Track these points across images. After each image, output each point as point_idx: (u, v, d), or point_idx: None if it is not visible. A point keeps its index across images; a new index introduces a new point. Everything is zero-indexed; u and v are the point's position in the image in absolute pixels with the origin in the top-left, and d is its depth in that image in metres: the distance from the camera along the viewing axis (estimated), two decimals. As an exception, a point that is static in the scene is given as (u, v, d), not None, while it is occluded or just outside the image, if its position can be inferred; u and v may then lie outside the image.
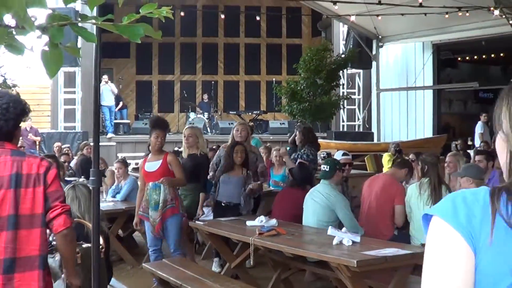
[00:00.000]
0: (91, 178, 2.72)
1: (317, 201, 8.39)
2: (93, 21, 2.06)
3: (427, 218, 1.80)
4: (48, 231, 4.16)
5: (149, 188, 8.76)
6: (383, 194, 8.90)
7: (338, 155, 11.04)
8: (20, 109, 4.33)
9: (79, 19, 2.04)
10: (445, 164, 10.20)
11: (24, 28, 1.94)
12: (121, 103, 27.13)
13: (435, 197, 8.37)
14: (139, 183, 9.74)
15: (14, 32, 1.98)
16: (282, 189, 10.83)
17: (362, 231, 8.01)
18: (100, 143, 15.76)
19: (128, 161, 14.27)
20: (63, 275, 5.01)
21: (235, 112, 30.17)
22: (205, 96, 29.41)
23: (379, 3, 18.29)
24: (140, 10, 2.14)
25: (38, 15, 1.99)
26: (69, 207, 4.20)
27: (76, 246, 4.35)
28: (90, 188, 3.07)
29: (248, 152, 10.18)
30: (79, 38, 2.11)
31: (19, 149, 4.38)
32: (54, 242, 6.52)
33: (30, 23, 1.92)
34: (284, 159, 12.22)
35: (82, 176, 12.41)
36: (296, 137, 12.21)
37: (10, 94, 4.40)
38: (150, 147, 16.48)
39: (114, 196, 11.49)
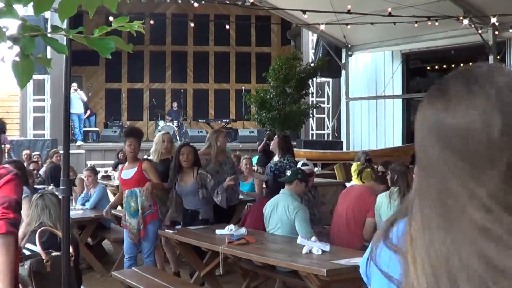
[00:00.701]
0: (61, 187, 2.70)
1: (278, 211, 8.35)
2: (64, 33, 2.04)
3: None
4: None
5: (126, 195, 8.89)
6: (358, 204, 8.90)
7: (298, 165, 11.00)
8: None
9: (50, 30, 2.02)
10: (414, 175, 10.24)
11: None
12: (88, 111, 26.99)
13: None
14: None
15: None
16: (257, 199, 10.73)
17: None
18: (70, 151, 15.65)
19: (97, 169, 14.21)
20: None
21: (204, 121, 30.20)
22: (175, 104, 29.39)
23: (349, 12, 18.35)
24: (112, 24, 2.12)
25: (9, 26, 1.97)
26: (11, 216, 3.79)
27: (13, 259, 3.82)
28: (59, 196, 3.02)
29: (223, 161, 10.19)
30: (48, 46, 2.09)
31: None
32: (23, 250, 6.48)
33: (2, 33, 1.90)
34: (250, 173, 12.25)
35: (52, 184, 12.31)
36: (272, 145, 12.04)
37: None
38: (119, 155, 16.48)
39: (83, 204, 11.42)
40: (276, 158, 11.40)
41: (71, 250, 5.60)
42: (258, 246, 7.54)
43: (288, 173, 8.71)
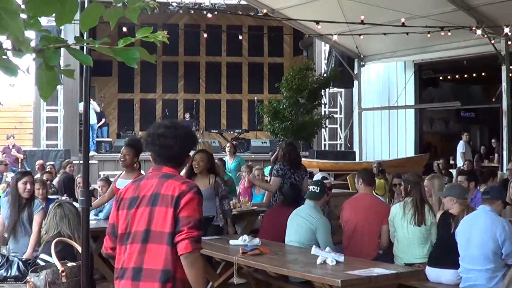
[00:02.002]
0: (80, 197, 2.70)
1: (300, 222, 8.35)
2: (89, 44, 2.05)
3: None
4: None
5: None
6: (372, 216, 8.89)
7: (317, 177, 11.00)
8: (193, 142, 4.95)
9: (74, 41, 2.03)
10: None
11: (21, 50, 1.93)
12: (103, 120, 27.12)
13: (418, 216, 8.41)
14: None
15: (7, 54, 1.97)
16: (270, 208, 10.73)
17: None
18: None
19: (111, 179, 14.21)
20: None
21: (217, 131, 30.18)
22: (187, 115, 29.40)
23: (362, 22, 18.36)
24: (136, 34, 2.13)
25: (32, 37, 1.99)
26: (195, 234, 4.43)
27: (202, 268, 4.62)
28: (78, 207, 3.04)
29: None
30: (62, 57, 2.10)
31: (172, 173, 4.67)
32: (38, 261, 6.50)
33: (28, 45, 1.91)
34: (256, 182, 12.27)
35: (65, 194, 12.31)
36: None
37: (186, 125, 4.96)
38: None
39: (96, 215, 11.42)
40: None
41: (86, 260, 5.63)
42: (272, 257, 7.53)
43: (316, 189, 8.68)
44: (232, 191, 14.02)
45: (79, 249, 6.01)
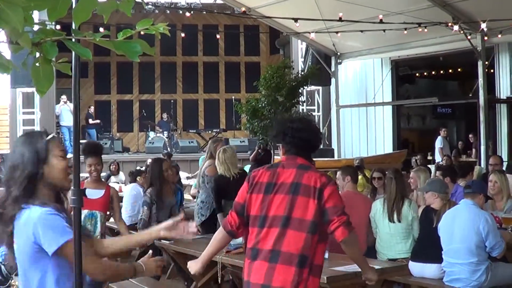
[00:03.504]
0: (72, 197, 2.66)
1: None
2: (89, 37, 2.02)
3: None
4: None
5: (82, 216, 7.39)
6: (357, 212, 8.90)
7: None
8: (321, 135, 5.45)
9: (73, 34, 2.00)
10: (408, 180, 10.28)
11: (18, 44, 1.90)
12: (96, 121, 27.53)
13: (393, 212, 8.44)
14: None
15: (0, 49, 1.94)
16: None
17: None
18: (61, 164, 15.50)
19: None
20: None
21: (194, 131, 30.17)
22: (165, 115, 29.38)
23: (340, 20, 18.38)
24: (136, 26, 2.10)
25: (32, 31, 1.96)
26: (344, 218, 4.87)
27: (359, 246, 5.29)
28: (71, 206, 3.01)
29: None
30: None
31: (307, 164, 5.11)
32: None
33: (27, 38, 1.88)
34: None
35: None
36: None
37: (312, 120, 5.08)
38: (111, 167, 16.20)
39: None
40: None
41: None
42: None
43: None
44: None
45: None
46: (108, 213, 8.45)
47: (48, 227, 3.43)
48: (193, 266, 5.50)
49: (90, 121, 27.90)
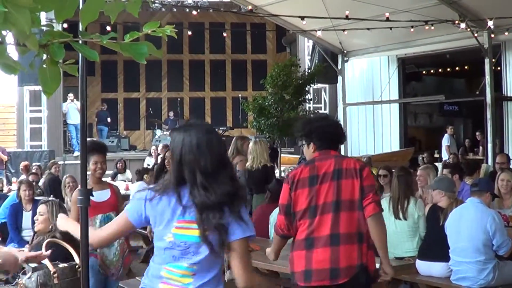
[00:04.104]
0: (78, 197, 2.67)
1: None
2: (96, 39, 2.02)
3: None
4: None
5: (97, 221, 7.45)
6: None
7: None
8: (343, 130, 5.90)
9: (80, 36, 2.01)
10: (417, 178, 10.23)
11: (25, 46, 1.90)
12: (108, 119, 27.66)
13: (397, 210, 8.43)
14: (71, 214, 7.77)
15: (8, 50, 1.94)
16: (259, 205, 10.68)
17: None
18: (67, 162, 15.65)
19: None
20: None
21: (201, 129, 30.14)
22: (171, 113, 29.42)
23: (346, 18, 18.37)
24: (143, 28, 2.11)
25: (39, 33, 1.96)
26: (377, 198, 5.43)
27: (384, 229, 5.46)
28: (78, 206, 3.02)
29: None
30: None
31: (339, 154, 5.78)
32: (24, 265, 6.45)
33: (34, 41, 1.88)
34: None
35: (51, 195, 12.23)
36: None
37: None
38: (118, 165, 16.13)
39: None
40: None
41: (77, 261, 5.59)
42: (262, 253, 7.51)
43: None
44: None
45: (70, 249, 5.99)
46: None
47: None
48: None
49: (109, 120, 28.03)
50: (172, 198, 3.71)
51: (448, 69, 29.05)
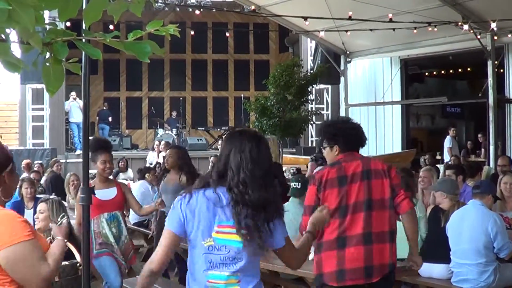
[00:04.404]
0: (80, 195, 2.67)
1: (291, 218, 8.31)
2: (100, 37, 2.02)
3: None
4: None
5: (103, 220, 7.54)
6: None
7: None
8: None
9: (83, 35, 2.00)
10: (419, 179, 10.21)
11: (28, 44, 1.90)
12: (110, 118, 27.68)
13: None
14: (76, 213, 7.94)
15: (11, 48, 1.94)
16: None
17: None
18: (69, 160, 15.64)
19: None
20: None
21: (203, 128, 30.19)
22: (174, 113, 29.41)
23: (350, 18, 18.37)
24: (146, 27, 2.11)
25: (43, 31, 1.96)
26: (409, 194, 5.72)
27: (417, 223, 5.79)
28: (80, 204, 3.03)
29: None
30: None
31: (362, 155, 5.77)
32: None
33: (38, 38, 1.88)
34: None
35: (53, 194, 12.23)
36: None
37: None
38: (120, 164, 16.12)
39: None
40: None
41: (79, 259, 5.59)
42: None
43: (297, 185, 8.65)
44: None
45: (71, 247, 5.99)
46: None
47: None
48: None
49: (110, 119, 28.05)
50: (210, 200, 3.74)
51: (451, 71, 29.03)
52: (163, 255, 3.79)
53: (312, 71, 22.92)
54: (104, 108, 28.86)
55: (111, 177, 7.95)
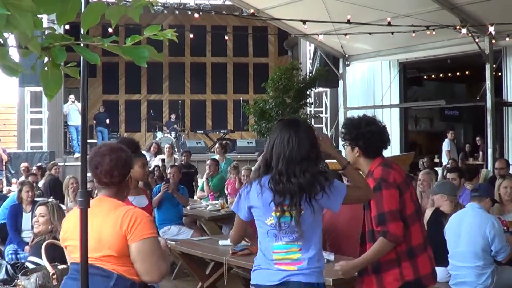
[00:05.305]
0: (78, 198, 2.68)
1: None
2: (98, 42, 2.03)
3: None
4: None
5: None
6: (357, 214, 8.85)
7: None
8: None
9: (81, 39, 2.02)
10: (418, 182, 10.23)
11: (27, 48, 1.91)
12: (107, 121, 27.67)
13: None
14: None
15: (10, 52, 1.95)
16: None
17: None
18: (68, 163, 15.60)
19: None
20: None
21: (202, 132, 30.17)
22: (173, 116, 29.39)
23: (348, 22, 18.39)
24: (144, 32, 2.12)
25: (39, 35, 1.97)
26: None
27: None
28: (78, 208, 3.04)
29: None
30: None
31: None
32: (27, 263, 6.45)
33: (36, 43, 1.89)
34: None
35: (51, 197, 12.22)
36: None
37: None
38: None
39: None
40: None
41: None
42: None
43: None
44: (221, 191, 14.06)
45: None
46: None
47: None
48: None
49: (107, 121, 28.02)
50: (264, 186, 4.34)
51: (449, 74, 29.07)
52: (236, 234, 4.89)
53: (311, 75, 22.96)
54: (101, 110, 28.81)
55: None
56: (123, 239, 3.99)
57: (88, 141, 26.48)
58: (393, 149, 24.13)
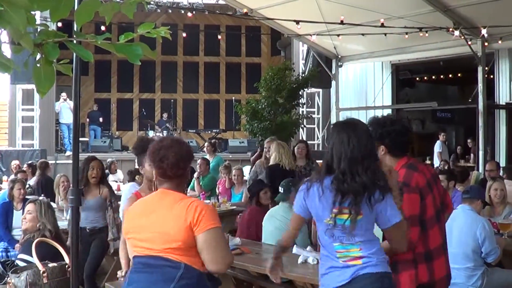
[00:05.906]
0: (69, 196, 2.68)
1: (278, 225, 8.31)
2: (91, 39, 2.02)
3: None
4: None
5: None
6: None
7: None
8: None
9: (74, 36, 2.01)
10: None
11: (19, 45, 1.91)
12: (101, 119, 27.61)
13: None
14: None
15: (2, 49, 1.94)
16: (248, 207, 10.65)
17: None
18: (59, 161, 15.57)
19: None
20: None
21: (194, 131, 30.16)
22: (165, 115, 29.39)
23: (341, 23, 18.39)
24: (138, 30, 2.12)
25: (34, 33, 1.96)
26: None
27: None
28: (70, 205, 3.03)
29: None
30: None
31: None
32: (17, 261, 6.44)
33: (29, 39, 1.89)
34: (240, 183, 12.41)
35: (42, 195, 12.18)
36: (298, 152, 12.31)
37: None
38: (111, 166, 16.03)
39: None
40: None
41: (67, 260, 5.58)
42: (253, 256, 7.53)
43: (280, 189, 8.66)
44: (212, 190, 14.03)
45: (60, 249, 5.98)
46: None
47: None
48: None
49: (101, 120, 27.97)
50: (326, 187, 4.42)
51: (442, 76, 29.07)
52: (290, 233, 4.91)
53: (303, 75, 22.96)
54: (94, 109, 28.80)
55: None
56: (189, 231, 4.15)
57: (80, 139, 26.67)
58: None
